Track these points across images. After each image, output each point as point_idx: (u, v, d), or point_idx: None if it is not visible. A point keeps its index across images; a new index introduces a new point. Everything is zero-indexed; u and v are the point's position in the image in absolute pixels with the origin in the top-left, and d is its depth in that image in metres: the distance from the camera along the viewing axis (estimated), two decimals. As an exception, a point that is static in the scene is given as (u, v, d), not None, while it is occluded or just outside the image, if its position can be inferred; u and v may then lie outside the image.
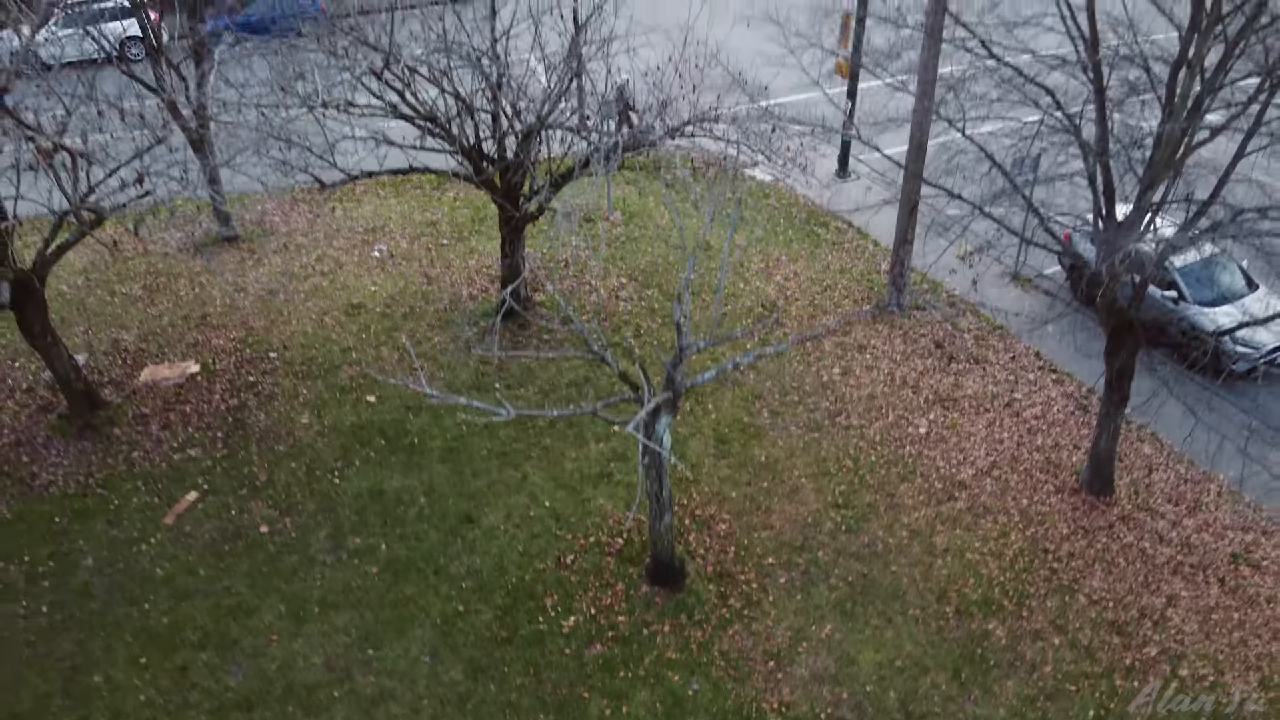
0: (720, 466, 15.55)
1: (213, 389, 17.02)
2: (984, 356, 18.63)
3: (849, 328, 19.12)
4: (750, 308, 19.46)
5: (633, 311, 19.18)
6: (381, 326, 18.60)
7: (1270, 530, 15.04)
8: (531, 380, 17.21)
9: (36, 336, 14.99)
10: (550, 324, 18.21)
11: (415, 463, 15.52)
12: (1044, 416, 17.16)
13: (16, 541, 14.19)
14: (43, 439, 15.90)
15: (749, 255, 21.36)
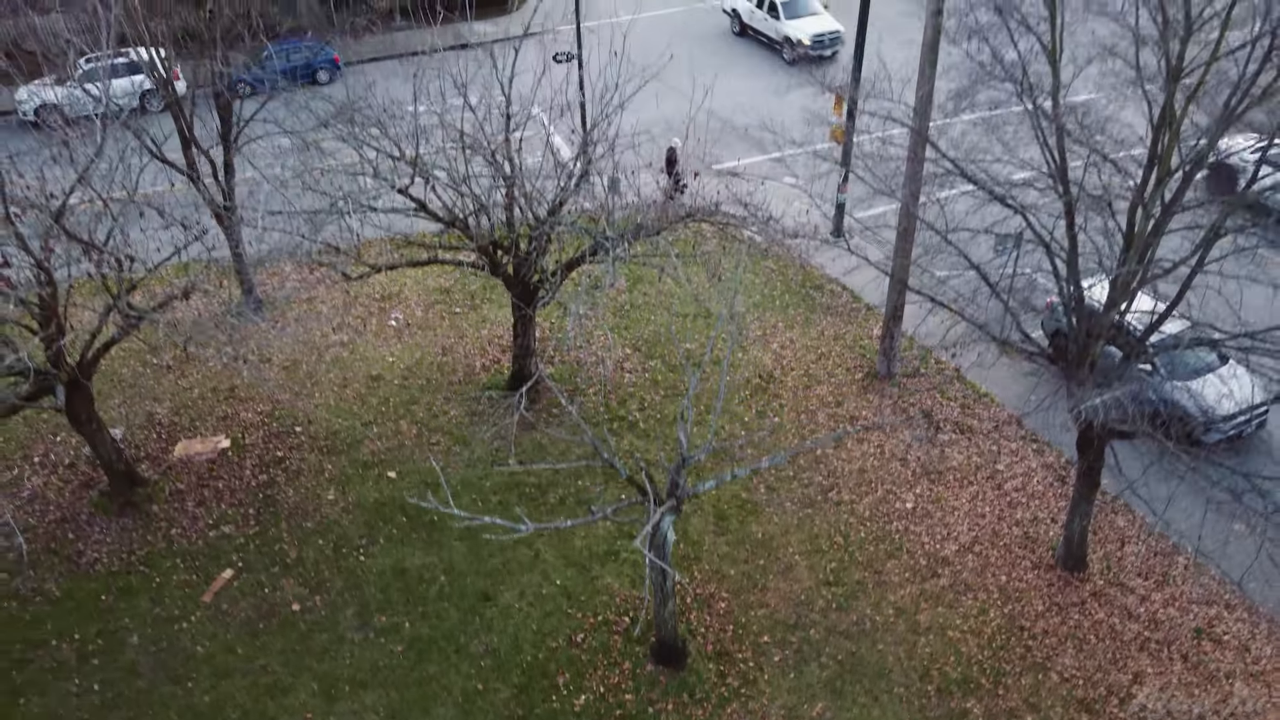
0: (719, 544, 16.66)
1: (243, 464, 18.14)
2: (969, 425, 19.73)
3: (841, 397, 20.23)
4: (749, 378, 20.57)
5: (637, 384, 20.29)
6: (400, 399, 19.71)
7: (1233, 604, 16.13)
8: (543, 455, 18.31)
9: (83, 424, 16.10)
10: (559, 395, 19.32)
11: (435, 540, 16.63)
12: (1024, 489, 18.26)
13: (67, 619, 15.31)
14: (86, 516, 17.02)
15: (747, 322, 22.46)
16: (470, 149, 17.53)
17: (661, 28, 37.61)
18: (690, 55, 33.15)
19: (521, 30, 41.02)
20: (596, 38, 28.96)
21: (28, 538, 16.41)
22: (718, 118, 32.38)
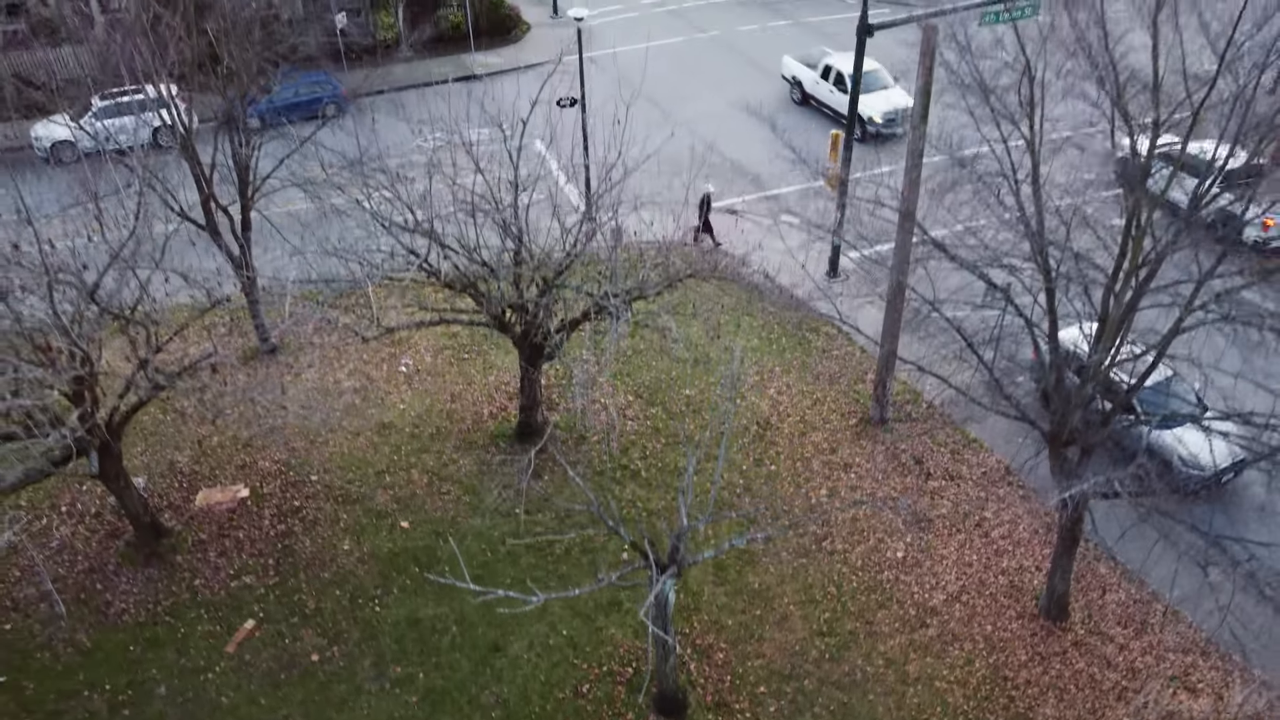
0: (718, 594, 17.45)
1: (262, 514, 18.93)
2: (958, 472, 20.52)
3: (836, 444, 21.02)
4: (746, 425, 21.34)
5: (639, 432, 21.07)
6: (411, 448, 20.49)
7: (1208, 651, 16.92)
8: (549, 505, 19.09)
9: (112, 481, 16.89)
10: (565, 443, 20.11)
11: (447, 590, 17.35)
12: (1010, 536, 19.05)
13: (98, 670, 16.11)
14: (113, 566, 17.82)
15: (745, 367, 23.22)
16: (481, 211, 18.23)
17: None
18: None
19: (527, 62, 41.78)
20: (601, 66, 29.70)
21: (58, 588, 17.25)
22: (724, 156, 33.30)
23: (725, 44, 42.55)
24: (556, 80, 40.19)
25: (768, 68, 39.78)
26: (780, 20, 44.77)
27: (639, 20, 45.42)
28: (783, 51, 41.66)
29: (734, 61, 40.81)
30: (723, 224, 29.37)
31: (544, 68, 41.33)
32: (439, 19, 41.50)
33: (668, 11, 46.24)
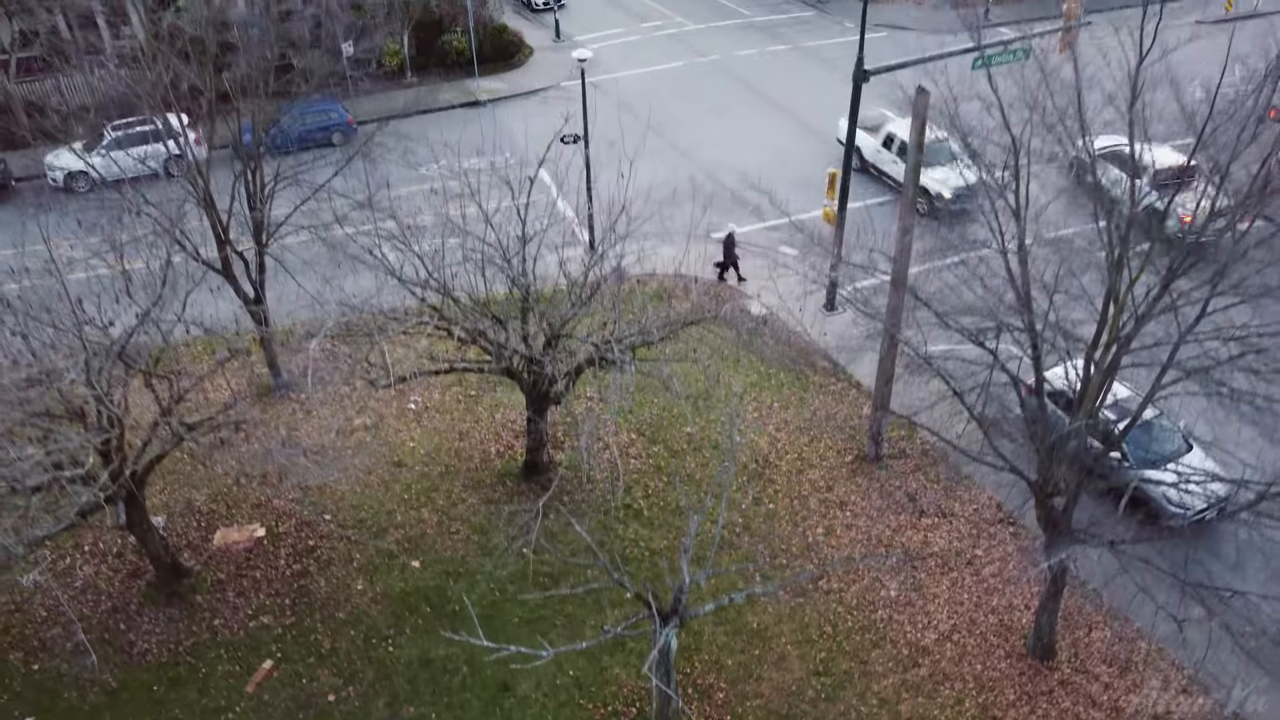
0: (718, 634, 18.14)
1: (278, 553, 19.61)
2: (951, 509, 21.19)
3: (833, 483, 21.70)
4: (746, 463, 22.01)
5: (641, 470, 21.74)
6: (421, 486, 21.18)
7: (1189, 689, 17.61)
8: (555, 544, 19.74)
9: (135, 526, 17.57)
10: (569, 482, 20.80)
11: (456, 630, 18.07)
12: (1000, 574, 19.73)
13: (123, 710, 16.79)
14: (136, 606, 18.50)
15: (744, 403, 23.90)
16: (489, 262, 18.86)
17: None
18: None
19: (530, 87, 42.45)
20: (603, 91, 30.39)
21: (83, 627, 17.89)
22: (724, 186, 33.98)
23: (725, 69, 43.20)
24: (559, 106, 41.10)
25: (766, 93, 40.49)
26: (779, 45, 45.44)
27: (639, 44, 46.16)
28: (780, 74, 42.36)
29: (733, 88, 41.45)
30: (719, 254, 30.04)
31: (547, 93, 42.31)
32: (443, 45, 42.15)
33: (667, 36, 46.92)
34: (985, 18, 46.35)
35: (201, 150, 34.15)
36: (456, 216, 19.16)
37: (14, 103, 36.70)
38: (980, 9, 47.34)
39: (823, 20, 48.16)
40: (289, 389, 23.88)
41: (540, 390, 19.14)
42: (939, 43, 44.53)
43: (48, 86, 38.51)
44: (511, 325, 18.69)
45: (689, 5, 50.41)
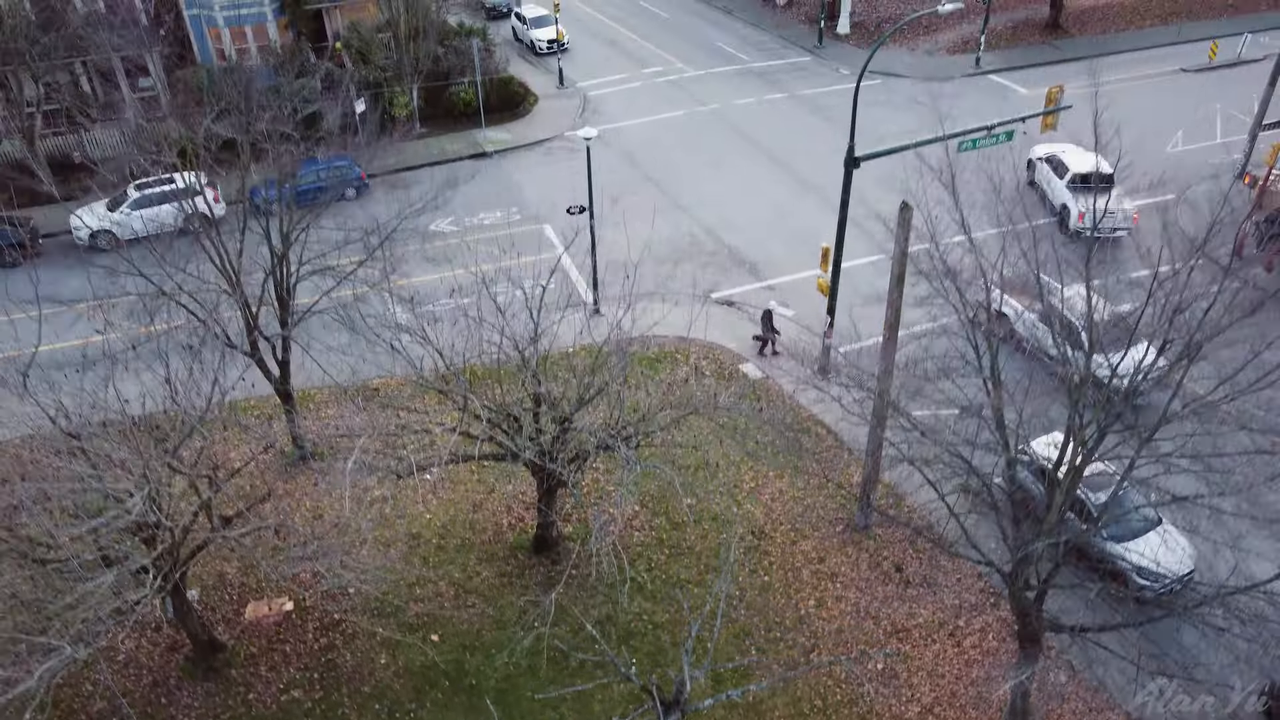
0: (716, 710, 19.53)
1: (305, 627, 21.01)
2: (935, 579, 22.58)
3: (825, 554, 23.10)
4: (742, 535, 23.40)
5: (644, 543, 23.14)
6: (438, 559, 22.57)
7: (1155, 759, 19.02)
8: (564, 618, 21.16)
9: (177, 609, 18.96)
10: (577, 555, 22.20)
11: (474, 705, 19.50)
12: (980, 645, 21.13)
13: (167, 785, 18.19)
14: (175, 680, 19.90)
15: (741, 472, 25.29)
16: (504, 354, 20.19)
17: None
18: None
19: (535, 138, 43.83)
20: (606, 141, 31.69)
21: (127, 701, 19.32)
22: (723, 243, 35.36)
23: (724, 118, 44.52)
24: (564, 158, 42.47)
25: (764, 145, 41.81)
26: (776, 93, 46.78)
27: (641, 91, 47.51)
28: (777, 124, 43.68)
29: (732, 139, 42.77)
30: (720, 315, 31.39)
31: (551, 144, 43.67)
32: (451, 95, 43.51)
33: (668, 82, 48.26)
34: (976, 65, 47.90)
35: (220, 207, 35.70)
36: (471, 306, 20.35)
37: (39, 159, 38.00)
38: (972, 57, 48.84)
39: (819, 66, 49.49)
40: (311, 459, 25.26)
41: (549, 477, 20.51)
42: (930, 91, 46.16)
43: (70, 141, 39.87)
44: (524, 418, 20.04)
45: (689, 50, 51.77)
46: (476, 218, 37.22)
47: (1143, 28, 52.21)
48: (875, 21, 53.92)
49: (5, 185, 38.20)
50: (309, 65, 41.90)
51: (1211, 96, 44.77)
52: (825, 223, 34.25)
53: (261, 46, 43.53)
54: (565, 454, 20.15)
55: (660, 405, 21.20)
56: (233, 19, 42.66)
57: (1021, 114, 44.36)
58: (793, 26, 54.25)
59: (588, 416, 20.79)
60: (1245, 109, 42.64)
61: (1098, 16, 53.58)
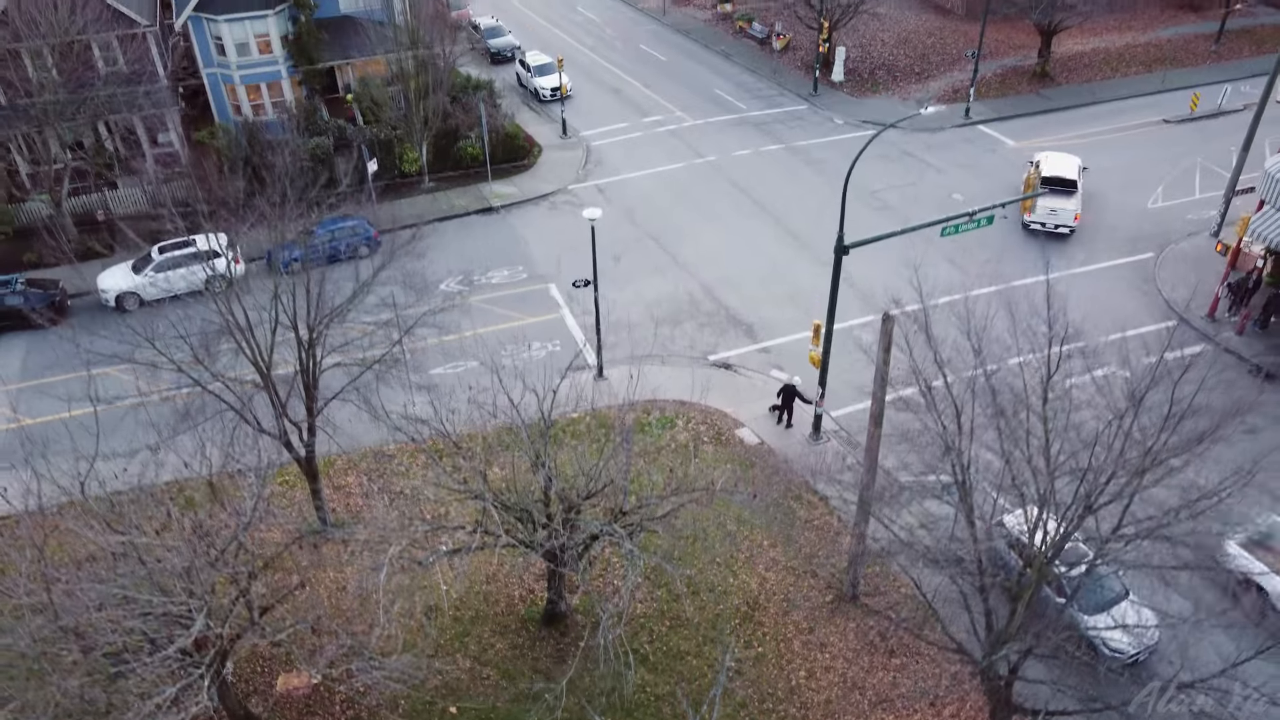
0: (715, 781, 21.21)
1: (333, 699, 22.68)
2: (918, 649, 24.24)
3: (815, 624, 24.76)
4: (738, 606, 25.07)
5: (646, 614, 24.80)
6: (454, 631, 24.23)
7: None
8: (574, 690, 22.82)
9: (224, 699, 20.61)
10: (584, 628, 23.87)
11: (491, 776, 21.17)
12: (959, 714, 22.79)
13: None
14: (215, 754, 21.54)
15: (738, 541, 26.95)
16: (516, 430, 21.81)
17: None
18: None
19: (540, 191, 45.59)
20: (609, 197, 33.22)
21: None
22: (722, 305, 36.97)
23: (722, 172, 46.09)
24: (568, 213, 44.05)
25: (761, 200, 43.37)
26: (773, 144, 48.38)
27: (641, 141, 49.10)
28: (773, 177, 45.22)
29: (730, 193, 44.35)
30: (717, 378, 33.03)
31: (555, 198, 45.29)
32: (459, 150, 45.13)
33: (668, 131, 49.87)
34: (966, 115, 49.57)
35: (240, 268, 37.35)
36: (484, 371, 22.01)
37: (65, 219, 39.64)
38: (962, 107, 50.49)
39: (814, 116, 51.09)
40: (333, 531, 26.91)
41: (557, 558, 22.17)
42: (924, 142, 47.83)
43: (95, 200, 41.49)
44: (535, 509, 21.68)
45: (688, 98, 53.37)
46: (485, 276, 38.83)
47: (1128, 75, 53.82)
48: (869, 68, 55.54)
49: (34, 244, 39.87)
50: (323, 124, 43.49)
51: (1192, 149, 46.42)
52: (817, 282, 36.00)
53: (276, 103, 45.11)
54: (573, 543, 21.79)
55: (661, 493, 22.81)
56: (249, 77, 44.26)
57: (1008, 167, 46.21)
58: (788, 73, 55.82)
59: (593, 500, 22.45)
60: (1224, 163, 44.32)
61: (1084, 63, 55.21)
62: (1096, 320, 35.40)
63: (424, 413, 23.22)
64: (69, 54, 39.07)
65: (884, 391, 22.02)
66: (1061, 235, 39.77)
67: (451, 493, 21.52)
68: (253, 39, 43.57)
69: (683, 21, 64.06)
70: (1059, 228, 39.52)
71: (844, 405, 31.62)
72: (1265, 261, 35.64)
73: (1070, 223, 39.43)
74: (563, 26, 64.41)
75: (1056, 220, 39.35)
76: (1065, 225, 39.50)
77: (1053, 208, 38.98)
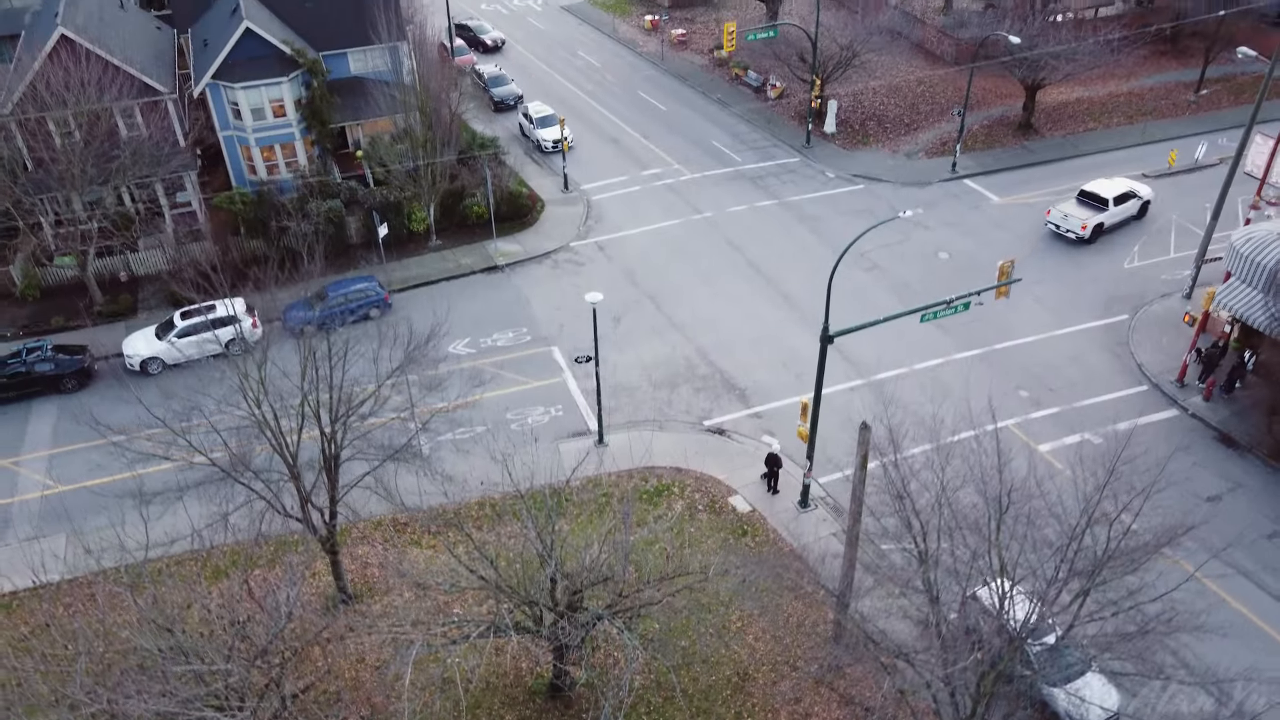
0: None
1: (355, 769, 24.62)
2: (899, 717, 26.15)
3: (801, 694, 26.70)
4: (729, 677, 27.00)
5: (645, 685, 26.73)
6: (468, 703, 26.14)
7: None
8: (577, 760, 24.80)
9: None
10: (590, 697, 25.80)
11: (502, 845, 23.10)
12: (936, 782, 24.70)
13: None
14: (247, 822, 23.45)
15: (730, 612, 28.87)
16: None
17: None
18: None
19: (543, 249, 47.49)
20: (609, 255, 34.94)
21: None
22: (717, 369, 38.81)
23: (718, 229, 47.91)
24: (569, 272, 45.90)
25: (754, 260, 45.19)
26: (766, 199, 50.21)
27: (640, 196, 50.94)
28: (767, 234, 47.08)
29: (725, 252, 46.15)
30: (711, 443, 34.92)
31: (557, 256, 47.14)
32: (464, 208, 47.01)
33: (665, 186, 51.71)
34: (953, 170, 51.51)
35: (257, 332, 39.28)
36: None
37: (90, 281, 41.54)
38: (949, 160, 52.39)
39: (806, 169, 52.94)
40: (351, 601, 28.85)
41: (560, 643, 24.12)
42: (913, 198, 49.72)
43: (118, 262, 43.38)
44: (541, 596, 23.59)
45: (686, 149, 55.19)
46: (490, 339, 40.73)
47: (1110, 126, 55.72)
48: (859, 119, 57.43)
49: (60, 305, 41.80)
50: (335, 187, 45.39)
51: (1169, 205, 48.33)
52: (807, 345, 37.92)
53: (290, 163, 47.00)
54: (576, 628, 23.71)
55: (659, 575, 24.73)
56: (264, 139, 46.14)
57: (991, 225, 48.11)
58: (782, 123, 57.67)
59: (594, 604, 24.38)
60: (1198, 220, 46.27)
61: (1068, 114, 57.11)
62: (1073, 381, 37.52)
63: (436, 498, 25.21)
64: (95, 122, 40.98)
65: (861, 506, 23.89)
66: (1073, 239, 45.85)
67: (466, 585, 23.31)
68: (268, 104, 45.46)
69: (680, 67, 65.89)
70: (1068, 232, 45.68)
71: (831, 472, 33.58)
72: (1232, 328, 37.60)
73: (1077, 230, 45.37)
74: (564, 72, 66.23)
75: (1066, 225, 45.73)
76: (1072, 231, 45.62)
77: (1066, 213, 45.73)
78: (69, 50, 40.89)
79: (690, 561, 26.46)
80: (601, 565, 24.19)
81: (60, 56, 40.61)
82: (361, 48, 48.74)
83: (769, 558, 30.73)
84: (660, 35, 69.45)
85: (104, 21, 44.51)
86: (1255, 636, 27.55)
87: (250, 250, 43.20)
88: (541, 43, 71.23)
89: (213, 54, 44.79)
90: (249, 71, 44.57)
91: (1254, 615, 28.24)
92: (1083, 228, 45.30)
